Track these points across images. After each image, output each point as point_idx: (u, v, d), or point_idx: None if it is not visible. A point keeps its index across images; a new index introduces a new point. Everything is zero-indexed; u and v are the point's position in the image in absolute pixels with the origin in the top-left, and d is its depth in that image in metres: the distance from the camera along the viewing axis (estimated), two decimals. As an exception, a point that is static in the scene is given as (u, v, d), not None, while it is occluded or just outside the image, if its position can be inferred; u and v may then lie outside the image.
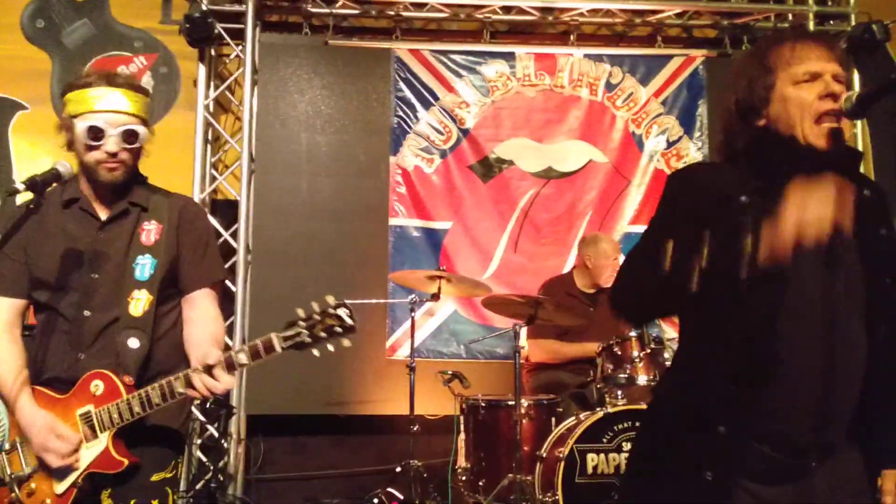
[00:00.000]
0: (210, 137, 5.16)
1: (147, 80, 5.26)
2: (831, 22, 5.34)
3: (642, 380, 3.63)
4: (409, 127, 5.15)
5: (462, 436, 4.02)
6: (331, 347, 2.03)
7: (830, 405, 1.60)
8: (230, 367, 2.03)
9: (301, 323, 2.02)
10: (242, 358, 2.01)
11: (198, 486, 4.59)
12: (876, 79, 5.35)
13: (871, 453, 1.72)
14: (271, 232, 5.00)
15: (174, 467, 2.20)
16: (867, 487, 1.68)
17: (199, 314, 2.26)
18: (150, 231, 2.20)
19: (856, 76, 5.30)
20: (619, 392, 3.63)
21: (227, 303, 4.88)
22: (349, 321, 1.99)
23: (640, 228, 5.15)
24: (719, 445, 1.62)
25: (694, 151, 5.28)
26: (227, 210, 5.13)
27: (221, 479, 4.66)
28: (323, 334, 2.01)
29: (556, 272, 4.75)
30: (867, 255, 1.64)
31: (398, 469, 4.10)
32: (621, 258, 4.28)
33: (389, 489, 4.26)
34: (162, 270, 2.17)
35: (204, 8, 4.88)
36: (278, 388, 4.88)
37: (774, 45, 1.71)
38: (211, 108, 5.14)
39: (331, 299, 2.01)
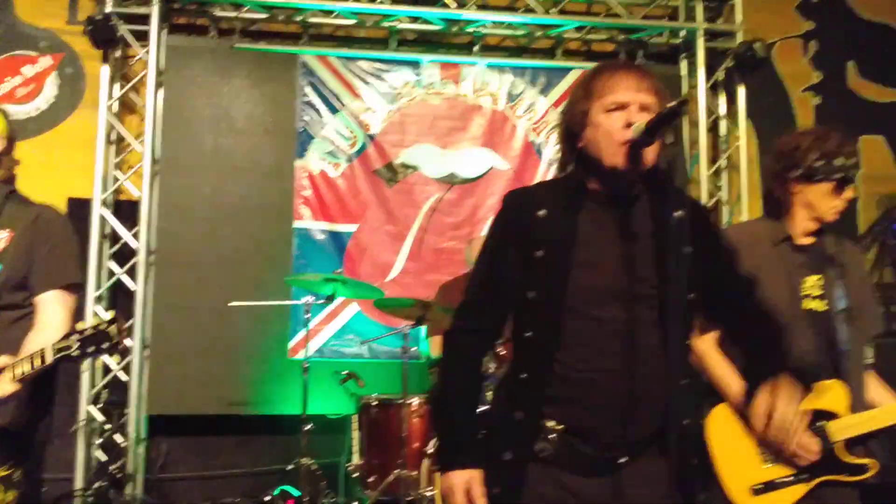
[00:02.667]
0: (114, 138, 5.16)
1: (53, 81, 5.26)
2: (719, 39, 5.63)
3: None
4: (316, 131, 5.24)
5: (356, 434, 4.13)
6: (110, 359, 2.15)
7: (633, 406, 1.75)
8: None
9: (74, 336, 2.08)
10: (24, 365, 2.07)
11: (95, 486, 4.60)
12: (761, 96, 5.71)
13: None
14: (175, 233, 5.03)
15: (10, 467, 2.23)
16: (675, 491, 1.79)
17: (42, 320, 2.30)
18: (1, 239, 2.26)
19: (741, 92, 5.63)
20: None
21: (128, 304, 4.92)
22: (116, 338, 2.08)
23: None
24: (516, 430, 1.81)
25: (591, 160, 5.49)
26: (131, 211, 5.13)
27: (121, 478, 4.68)
28: (91, 349, 2.07)
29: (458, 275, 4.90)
30: (671, 273, 1.72)
31: (288, 468, 4.19)
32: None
33: (286, 487, 4.34)
34: (2, 276, 2.22)
35: (108, 10, 4.89)
36: (181, 388, 4.92)
37: (595, 74, 1.87)
38: (115, 109, 5.14)
39: (104, 315, 2.11)
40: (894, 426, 2.42)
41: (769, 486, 2.38)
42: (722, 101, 5.73)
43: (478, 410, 1.96)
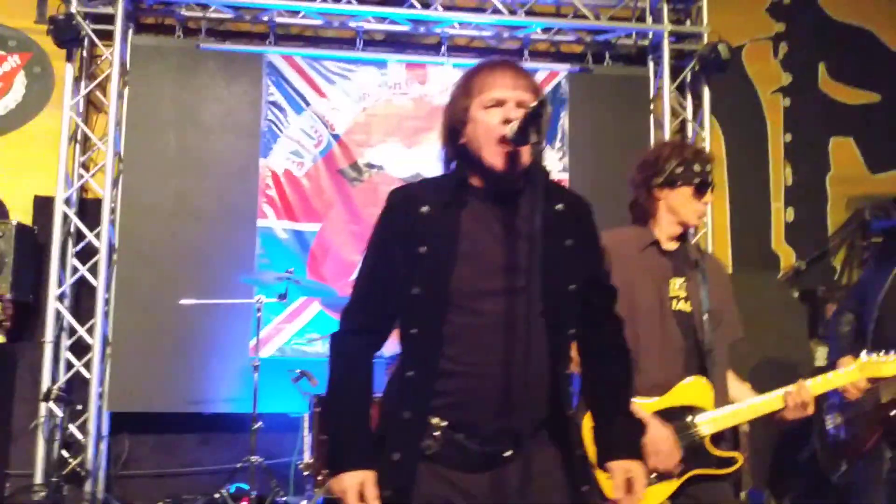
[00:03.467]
0: (80, 137, 5.19)
1: (21, 80, 5.29)
2: (686, 41, 5.63)
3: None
4: (280, 130, 5.26)
5: (307, 433, 4.15)
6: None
7: (515, 399, 1.75)
8: None
9: None
10: None
11: (54, 482, 4.62)
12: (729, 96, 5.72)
13: (598, 449, 1.95)
14: (140, 232, 5.06)
15: None
16: (562, 483, 1.84)
17: None
18: None
19: (706, 93, 5.63)
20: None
21: (92, 302, 4.94)
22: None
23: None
24: (404, 429, 1.81)
25: (556, 161, 5.51)
26: (96, 209, 5.15)
27: (81, 475, 4.71)
28: None
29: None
30: (552, 266, 1.77)
31: (237, 466, 4.21)
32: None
33: (241, 485, 4.36)
34: None
35: (73, 10, 4.92)
36: (144, 386, 4.95)
37: (474, 71, 1.90)
38: (81, 108, 5.17)
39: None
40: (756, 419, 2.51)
41: None
42: (689, 102, 5.74)
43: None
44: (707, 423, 2.48)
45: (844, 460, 3.07)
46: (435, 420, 1.81)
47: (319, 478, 3.93)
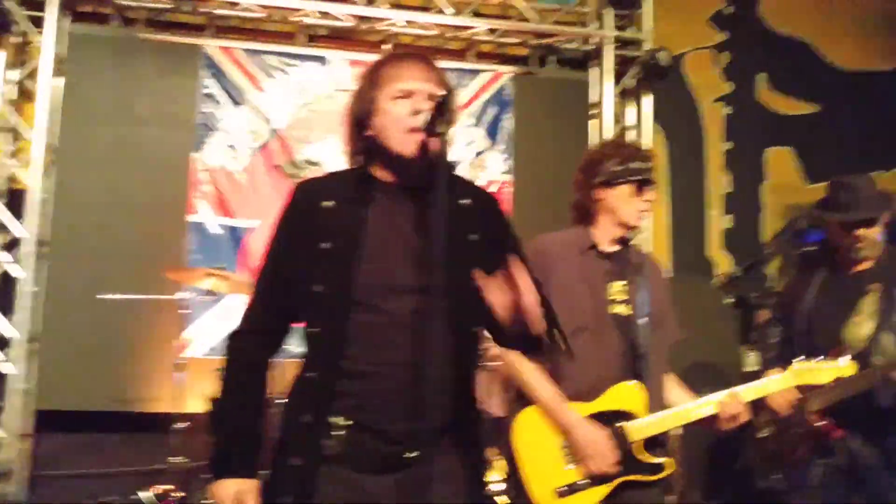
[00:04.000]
0: (10, 126, 5.03)
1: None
2: (630, 47, 5.67)
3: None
4: (216, 124, 5.17)
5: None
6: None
7: (420, 399, 1.68)
8: None
9: None
10: None
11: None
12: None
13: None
14: (71, 224, 4.92)
15: None
16: (463, 487, 1.80)
17: None
18: None
19: (645, 100, 5.67)
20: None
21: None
22: None
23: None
24: (305, 433, 1.75)
25: (500, 163, 5.50)
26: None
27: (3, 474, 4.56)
28: None
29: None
30: (456, 262, 1.72)
31: (155, 467, 4.11)
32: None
33: (164, 486, 4.26)
34: None
35: (5, -6, 4.77)
36: (71, 383, 4.81)
37: (383, 62, 1.87)
38: (13, 96, 5.01)
39: None
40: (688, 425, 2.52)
41: (572, 489, 2.43)
42: (631, 109, 5.77)
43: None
44: (638, 429, 2.46)
45: (776, 469, 3.09)
46: (338, 421, 1.75)
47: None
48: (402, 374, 1.73)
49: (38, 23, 4.97)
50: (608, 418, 2.47)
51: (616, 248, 2.63)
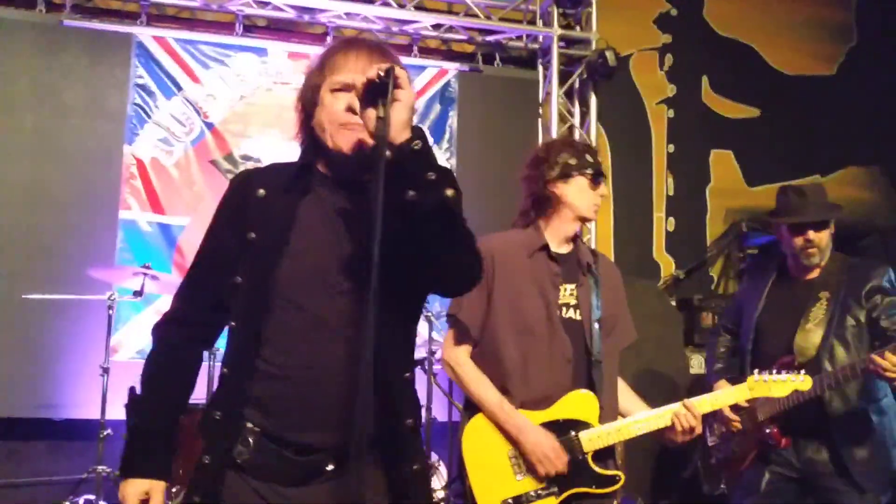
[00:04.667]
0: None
1: None
2: (576, 47, 5.61)
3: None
4: (148, 116, 4.93)
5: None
6: None
7: (338, 406, 1.58)
8: None
9: None
10: None
11: None
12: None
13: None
14: (-10, 220, 4.64)
15: None
16: (386, 500, 1.67)
17: None
18: None
19: (593, 100, 5.63)
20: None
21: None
22: None
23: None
24: (215, 431, 1.64)
25: (444, 161, 5.38)
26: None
27: None
28: None
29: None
30: (392, 261, 1.58)
31: (83, 476, 3.89)
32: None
33: (87, 496, 4.03)
34: None
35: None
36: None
37: (331, 50, 1.74)
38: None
39: None
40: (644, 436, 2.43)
41: (519, 501, 2.32)
42: (577, 108, 5.72)
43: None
44: (591, 439, 2.36)
45: (724, 477, 3.05)
46: (249, 424, 1.63)
47: (174, 490, 3.65)
48: (317, 379, 1.60)
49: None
50: (561, 427, 2.37)
51: (567, 248, 2.53)
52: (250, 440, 1.62)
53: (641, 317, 4.75)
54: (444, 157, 5.39)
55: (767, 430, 2.87)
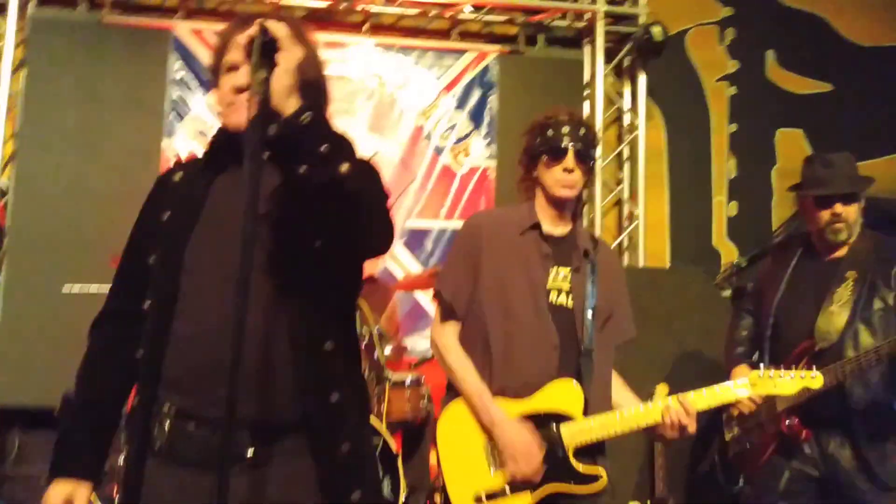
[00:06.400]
0: (-26, 114, 4.89)
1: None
2: (624, 23, 5.34)
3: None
4: (187, 109, 4.97)
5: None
6: None
7: (253, 385, 1.50)
8: None
9: None
10: None
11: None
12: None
13: None
14: (33, 214, 4.76)
15: None
16: (314, 487, 1.55)
17: None
18: None
19: (640, 79, 5.35)
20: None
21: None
22: None
23: (425, 223, 5.09)
24: (133, 419, 1.58)
25: (483, 147, 5.22)
26: (-9, 191, 4.87)
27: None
28: None
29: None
30: (291, 234, 1.56)
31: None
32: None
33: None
34: None
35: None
36: (37, 379, 4.64)
37: (226, 30, 1.69)
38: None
39: None
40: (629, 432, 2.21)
41: (493, 495, 2.16)
42: (627, 89, 5.45)
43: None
44: (573, 433, 2.19)
45: (743, 473, 2.79)
46: (165, 407, 1.56)
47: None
48: (225, 353, 1.47)
49: (3, 9, 4.84)
50: (542, 419, 2.20)
51: (562, 230, 2.36)
52: (166, 423, 1.54)
53: (686, 305, 4.53)
54: (483, 144, 5.22)
55: (787, 422, 2.60)
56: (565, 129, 2.27)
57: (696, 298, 4.58)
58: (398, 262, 5.03)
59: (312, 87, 1.60)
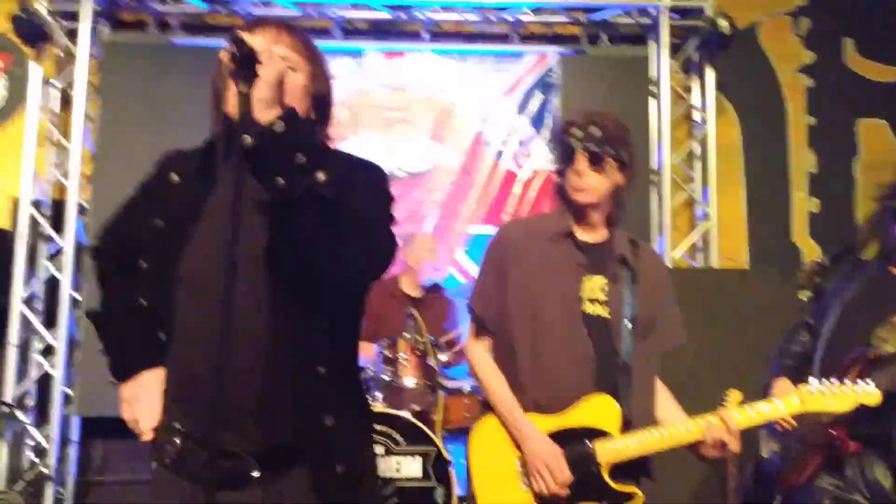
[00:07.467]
0: (55, 138, 5.12)
1: (2, 82, 5.27)
2: (689, 17, 5.17)
3: (408, 382, 3.51)
4: (251, 126, 5.07)
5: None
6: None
7: (249, 406, 1.50)
8: None
9: None
10: None
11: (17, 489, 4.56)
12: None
13: None
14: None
15: None
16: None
17: None
18: None
19: (708, 74, 5.17)
20: (380, 394, 3.51)
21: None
22: None
23: (487, 229, 5.05)
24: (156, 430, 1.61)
25: (546, 151, 5.14)
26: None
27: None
28: None
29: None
30: (278, 249, 1.53)
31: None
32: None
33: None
34: None
35: (42, 8, 4.86)
36: (114, 390, 4.81)
37: (241, 29, 1.66)
38: (57, 108, 5.12)
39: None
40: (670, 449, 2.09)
41: None
42: (696, 84, 5.28)
43: None
44: (608, 450, 2.09)
45: (780, 491, 2.62)
46: (176, 424, 1.57)
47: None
48: (221, 375, 1.46)
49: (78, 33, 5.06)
50: (575, 435, 2.11)
51: (598, 237, 2.27)
52: (177, 441, 1.56)
53: (762, 308, 4.32)
54: (545, 148, 5.14)
55: (833, 432, 2.43)
56: (575, 132, 2.16)
57: (772, 301, 4.36)
58: (461, 268, 5.01)
59: (321, 101, 1.61)
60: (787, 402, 2.16)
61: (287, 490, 1.52)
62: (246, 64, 1.37)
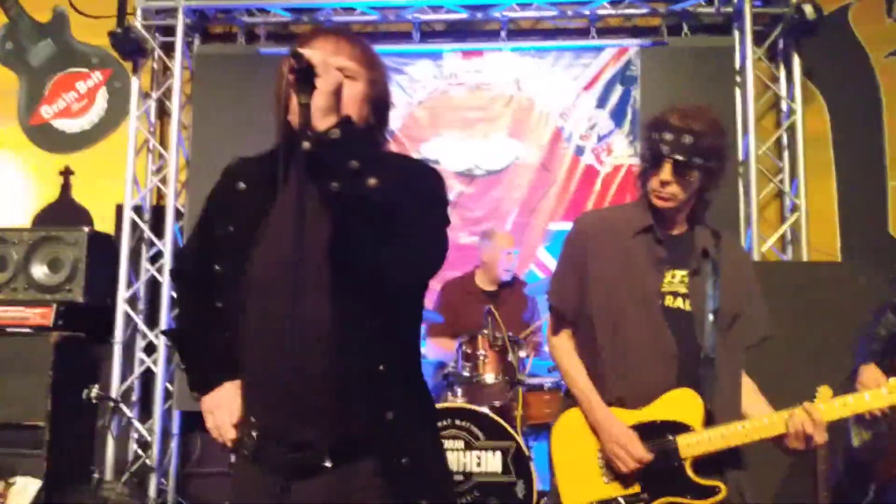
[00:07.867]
0: (153, 146, 5.40)
1: (102, 95, 5.59)
2: (773, 5, 5.03)
3: (488, 378, 3.56)
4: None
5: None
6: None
7: (317, 401, 1.58)
8: None
9: None
10: None
11: (123, 479, 4.83)
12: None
13: None
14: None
15: None
16: (383, 494, 1.61)
17: None
18: None
19: (796, 61, 5.01)
20: (460, 389, 3.57)
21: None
22: None
23: (567, 226, 5.02)
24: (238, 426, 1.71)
25: (626, 145, 5.10)
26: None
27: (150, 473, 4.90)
28: None
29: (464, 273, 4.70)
30: (339, 251, 1.59)
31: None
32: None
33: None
34: None
35: (137, 23, 5.14)
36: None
37: (301, 37, 1.74)
38: (153, 118, 5.39)
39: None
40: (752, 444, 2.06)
41: None
42: (782, 73, 5.13)
43: None
44: (691, 444, 2.08)
45: (873, 482, 2.54)
46: (252, 418, 1.67)
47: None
48: (291, 373, 1.50)
49: (172, 47, 5.31)
50: (658, 429, 2.11)
51: (680, 230, 2.25)
52: (254, 434, 1.65)
53: (854, 301, 4.16)
54: (625, 142, 5.10)
55: None
56: (667, 137, 2.11)
57: (865, 294, 4.20)
58: (542, 265, 5.02)
59: (379, 105, 1.68)
60: (874, 394, 2.09)
61: (356, 480, 1.60)
62: (304, 76, 1.44)
